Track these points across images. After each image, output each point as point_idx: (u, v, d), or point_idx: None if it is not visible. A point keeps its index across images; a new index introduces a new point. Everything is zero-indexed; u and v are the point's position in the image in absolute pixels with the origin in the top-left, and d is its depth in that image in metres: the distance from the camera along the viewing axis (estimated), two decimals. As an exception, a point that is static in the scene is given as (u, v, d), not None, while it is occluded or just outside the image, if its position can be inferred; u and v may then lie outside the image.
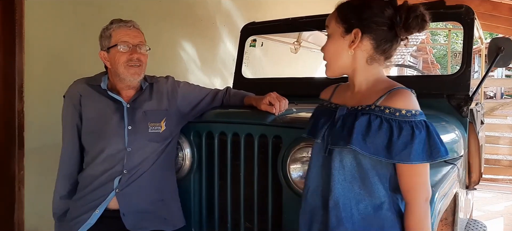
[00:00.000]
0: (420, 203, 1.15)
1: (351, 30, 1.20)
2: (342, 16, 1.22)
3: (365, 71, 1.23)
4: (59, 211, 1.84)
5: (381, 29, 1.18)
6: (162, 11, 3.69)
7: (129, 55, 1.73)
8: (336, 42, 1.23)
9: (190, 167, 1.94)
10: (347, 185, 1.19)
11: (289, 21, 2.94)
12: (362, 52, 1.21)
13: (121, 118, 1.75)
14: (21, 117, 2.59)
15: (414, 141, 1.09)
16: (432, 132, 1.11)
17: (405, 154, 1.09)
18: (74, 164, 1.84)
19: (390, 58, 1.23)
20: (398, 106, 1.12)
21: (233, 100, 1.99)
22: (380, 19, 1.18)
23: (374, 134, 1.12)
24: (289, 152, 1.66)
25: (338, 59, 1.24)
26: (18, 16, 2.56)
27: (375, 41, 1.19)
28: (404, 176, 1.15)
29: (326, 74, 1.29)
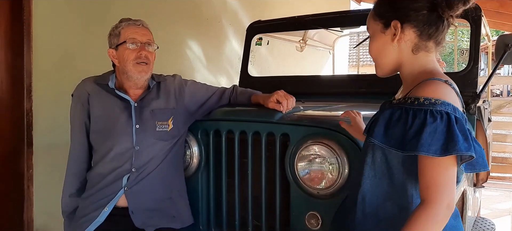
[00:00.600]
0: (439, 205, 1.01)
1: (390, 24, 1.15)
2: (378, 12, 1.19)
3: (411, 63, 1.17)
4: (68, 209, 1.86)
5: (421, 14, 1.12)
6: (168, 10, 3.70)
7: (137, 52, 1.74)
8: (378, 40, 1.20)
9: (198, 165, 1.95)
10: (377, 181, 1.16)
11: (295, 19, 2.94)
12: (406, 42, 1.15)
13: (129, 117, 1.76)
14: (30, 115, 2.62)
15: (424, 129, 1.02)
16: (453, 124, 1.02)
17: (414, 142, 1.02)
18: (83, 162, 1.85)
19: (440, 44, 1.17)
20: (420, 95, 1.07)
21: (240, 99, 2.00)
22: (417, 4, 1.12)
23: (393, 126, 1.08)
24: (296, 149, 1.66)
25: (384, 56, 1.19)
26: (26, 15, 2.58)
27: (418, 28, 1.13)
28: (422, 170, 1.05)
29: (377, 75, 1.25)
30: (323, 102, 2.21)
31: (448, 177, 1.03)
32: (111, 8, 3.12)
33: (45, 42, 2.68)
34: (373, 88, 2.55)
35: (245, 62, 3.05)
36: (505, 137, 6.50)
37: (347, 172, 1.58)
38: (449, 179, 1.03)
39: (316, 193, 1.65)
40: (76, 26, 2.89)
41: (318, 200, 1.65)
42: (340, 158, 1.58)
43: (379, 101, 2.28)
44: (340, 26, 3.32)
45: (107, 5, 3.09)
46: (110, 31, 1.79)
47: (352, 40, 8.39)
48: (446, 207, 1.02)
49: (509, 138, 6.48)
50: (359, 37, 5.83)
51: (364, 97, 2.52)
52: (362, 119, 1.55)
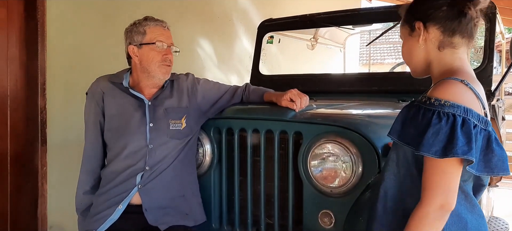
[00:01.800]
0: (430, 206, 1.04)
1: (414, 26, 1.20)
2: (405, 17, 1.25)
3: (438, 61, 1.19)
4: (82, 206, 1.88)
5: (441, 10, 1.16)
6: (179, 8, 3.72)
7: (163, 54, 1.77)
8: (407, 43, 1.25)
9: (210, 163, 1.96)
10: (400, 177, 1.19)
11: (307, 17, 2.93)
12: (431, 41, 1.19)
13: (143, 115, 1.78)
14: (44, 113, 2.65)
15: (428, 129, 1.04)
16: (457, 126, 1.02)
17: (418, 142, 1.05)
18: (97, 159, 1.87)
19: (467, 37, 1.17)
20: (432, 95, 1.08)
21: (252, 97, 1.99)
22: (436, 1, 1.17)
23: (408, 123, 1.11)
24: (310, 147, 1.66)
25: (413, 58, 1.24)
26: (40, 15, 2.60)
27: (440, 25, 1.17)
28: (424, 170, 1.07)
29: (413, 76, 1.30)
30: (336, 101, 2.21)
31: (447, 179, 1.04)
32: (123, 7, 3.14)
33: (58, 41, 2.70)
34: (385, 87, 2.54)
35: (256, 60, 3.05)
36: (518, 136, 6.40)
37: (361, 171, 1.57)
38: (447, 181, 1.04)
39: (329, 192, 1.64)
40: (89, 25, 2.91)
41: (331, 198, 1.65)
42: (354, 156, 1.57)
43: (391, 99, 2.30)
44: (352, 24, 3.30)
45: (119, 5, 3.12)
46: (131, 28, 1.79)
47: (363, 39, 8.35)
48: (438, 208, 1.03)
49: (522, 137, 6.38)
50: (370, 35, 5.79)
51: (375, 95, 2.51)
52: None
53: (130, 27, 1.80)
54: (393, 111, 2.08)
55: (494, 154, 1.06)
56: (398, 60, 13.59)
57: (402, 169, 1.19)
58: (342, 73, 4.31)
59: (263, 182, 1.83)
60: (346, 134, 1.60)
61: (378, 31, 5.00)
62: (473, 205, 1.15)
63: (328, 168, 1.63)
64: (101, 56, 2.94)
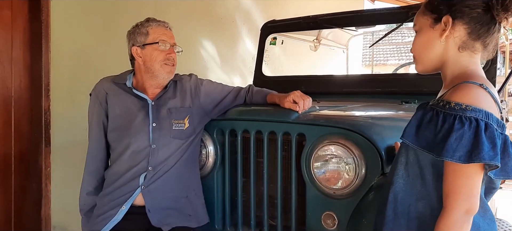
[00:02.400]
0: (457, 213, 1.02)
1: (441, 19, 1.14)
2: (431, 6, 1.17)
3: (454, 62, 1.15)
4: (86, 207, 1.89)
5: (475, 11, 1.11)
6: (182, 10, 3.73)
7: (166, 54, 1.78)
8: (425, 34, 1.18)
9: (213, 164, 1.96)
10: (410, 181, 1.17)
11: (310, 19, 2.93)
12: (454, 39, 1.14)
13: (146, 115, 1.78)
14: (48, 114, 2.66)
15: (451, 135, 1.01)
16: (481, 131, 1.00)
17: (440, 147, 1.02)
18: (101, 160, 1.88)
19: (487, 46, 1.14)
20: (452, 99, 1.05)
21: (256, 98, 2.00)
22: (473, 1, 1.11)
23: (425, 127, 1.08)
24: (313, 149, 1.66)
25: (429, 51, 1.18)
26: (44, 16, 2.62)
27: (469, 26, 1.12)
28: (446, 176, 1.05)
29: (416, 70, 1.24)
30: (339, 102, 2.21)
31: (470, 184, 1.03)
32: (127, 8, 3.15)
33: (62, 42, 2.72)
34: (388, 88, 2.54)
35: (259, 62, 3.05)
36: (522, 137, 6.37)
37: (364, 172, 1.57)
38: (471, 186, 1.03)
39: (332, 193, 1.64)
40: (93, 27, 2.93)
41: (334, 200, 1.65)
42: (357, 158, 1.57)
43: (394, 101, 2.30)
44: (355, 26, 3.30)
45: (123, 6, 3.13)
46: (134, 29, 1.81)
47: (366, 39, 8.35)
48: (464, 213, 1.03)
49: (526, 139, 6.35)
50: (373, 37, 5.80)
51: (379, 96, 2.51)
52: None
53: (133, 29, 1.82)
54: (396, 113, 2.08)
55: (510, 157, 1.05)
56: (401, 62, 13.57)
57: (411, 173, 1.17)
58: (345, 74, 4.30)
59: (266, 183, 1.83)
60: (349, 136, 1.60)
61: (381, 32, 5.00)
62: (485, 210, 1.14)
63: (331, 170, 1.63)
64: (105, 58, 2.95)
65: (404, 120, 1.82)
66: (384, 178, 1.53)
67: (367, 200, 1.57)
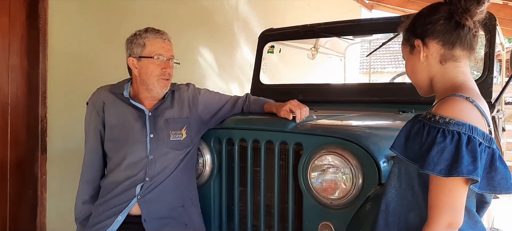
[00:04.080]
0: (438, 225, 1.03)
1: (414, 45, 1.21)
2: (404, 37, 1.26)
3: (442, 76, 1.19)
4: (82, 215, 1.87)
5: (438, 24, 1.16)
6: (181, 18, 3.74)
7: (162, 68, 1.76)
8: (409, 62, 1.25)
9: (210, 173, 1.96)
10: (402, 192, 1.18)
11: (307, 27, 2.94)
12: (432, 56, 1.18)
13: (143, 126, 1.78)
14: (44, 122, 2.65)
15: (433, 148, 1.03)
16: (462, 145, 1.01)
17: (423, 159, 1.04)
18: (97, 169, 1.87)
19: (468, 49, 1.17)
20: (437, 112, 1.07)
21: (253, 107, 2.00)
22: (432, 17, 1.17)
23: (412, 139, 1.11)
24: (310, 159, 1.66)
25: (417, 75, 1.23)
26: (42, 24, 2.62)
27: (439, 39, 1.16)
28: (430, 188, 1.06)
29: (421, 95, 1.29)
30: (336, 111, 2.21)
31: (453, 198, 1.03)
32: (125, 16, 3.15)
33: (60, 50, 2.72)
34: (385, 97, 2.55)
35: (257, 70, 3.06)
36: (518, 146, 6.39)
37: (361, 182, 1.57)
38: (453, 200, 1.03)
39: (329, 203, 1.64)
40: (91, 34, 2.93)
41: (331, 210, 1.64)
42: (354, 168, 1.57)
43: (391, 110, 2.30)
44: (352, 35, 3.31)
45: (121, 14, 3.13)
46: (132, 39, 1.79)
47: (363, 48, 8.40)
48: (446, 227, 1.03)
49: (523, 147, 6.37)
50: (370, 45, 5.84)
51: (376, 105, 2.51)
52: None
53: (131, 38, 1.80)
54: (393, 123, 2.09)
55: (497, 172, 1.05)
56: (398, 69, 13.60)
57: (403, 183, 1.18)
58: (342, 83, 4.32)
59: (263, 192, 1.83)
60: (346, 146, 1.60)
61: (379, 40, 5.02)
62: (476, 222, 1.14)
63: (328, 180, 1.63)
64: (102, 66, 2.95)
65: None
66: (381, 189, 1.53)
67: (364, 210, 1.56)
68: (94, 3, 2.94)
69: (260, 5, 4.85)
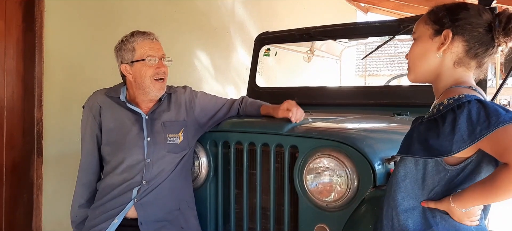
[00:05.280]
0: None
1: (441, 32, 1.15)
2: (434, 17, 1.17)
3: (448, 76, 1.16)
4: (78, 219, 1.87)
5: (476, 30, 1.12)
6: (177, 21, 3.74)
7: (155, 68, 1.76)
8: (423, 44, 1.18)
9: (206, 176, 1.96)
10: (409, 195, 1.18)
11: (303, 30, 2.95)
12: (451, 54, 1.15)
13: (140, 129, 1.78)
14: (40, 125, 2.65)
15: (459, 121, 1.01)
16: (486, 104, 1.01)
17: (449, 140, 1.02)
18: (93, 173, 1.87)
19: (482, 66, 1.16)
20: (443, 99, 1.07)
21: (249, 110, 2.00)
22: (476, 20, 1.12)
23: (431, 137, 1.07)
24: (305, 161, 1.67)
25: (424, 62, 1.18)
26: (38, 27, 2.62)
27: (468, 43, 1.13)
28: (493, 148, 1.01)
29: (408, 79, 1.24)
30: (332, 114, 2.22)
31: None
32: (121, 20, 3.16)
33: (56, 53, 2.72)
34: (380, 100, 2.56)
35: (253, 73, 3.07)
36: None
37: (356, 185, 1.58)
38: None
39: (325, 206, 1.65)
40: (87, 38, 2.93)
41: (327, 212, 1.65)
42: (349, 170, 1.58)
43: (387, 113, 2.31)
44: (348, 38, 3.33)
45: (117, 17, 3.13)
46: (120, 46, 1.78)
47: (359, 50, 8.44)
48: None
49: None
50: (366, 48, 5.87)
51: (371, 108, 2.53)
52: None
53: (119, 45, 1.79)
54: (389, 126, 2.10)
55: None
56: (394, 72, 13.65)
57: (410, 187, 1.17)
58: (338, 86, 4.33)
59: (259, 195, 1.84)
60: (342, 148, 1.61)
61: (374, 43, 5.04)
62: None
63: (324, 182, 1.64)
64: (98, 69, 2.95)
65: (396, 133, 1.84)
66: (376, 191, 1.54)
67: (360, 212, 1.57)
68: (90, 7, 2.94)
69: (256, 8, 4.87)
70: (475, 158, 1.08)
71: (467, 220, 1.10)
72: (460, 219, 1.10)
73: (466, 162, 1.09)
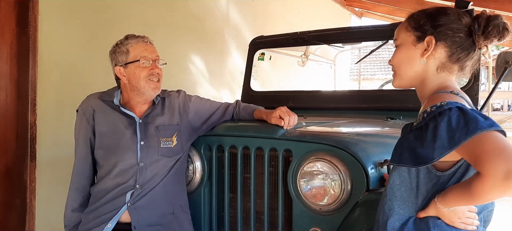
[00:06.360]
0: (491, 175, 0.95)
1: (424, 38, 1.16)
2: (415, 23, 1.19)
3: (432, 81, 1.17)
4: (71, 223, 1.86)
5: (457, 36, 1.13)
6: (171, 25, 3.74)
7: (149, 70, 1.77)
8: (406, 51, 1.20)
9: (200, 180, 1.96)
10: (402, 203, 1.19)
11: (297, 35, 2.96)
12: (434, 60, 1.16)
13: (134, 133, 1.78)
14: (34, 129, 2.63)
15: (440, 127, 1.02)
16: (466, 111, 1.01)
17: (430, 147, 1.03)
18: (87, 177, 1.86)
19: (464, 69, 1.18)
20: (427, 107, 1.08)
21: (243, 114, 2.01)
22: (456, 25, 1.13)
23: (417, 145, 1.08)
24: (299, 165, 1.67)
25: (409, 69, 1.20)
26: (32, 30, 2.61)
27: (450, 48, 1.15)
28: (469, 155, 1.01)
29: (393, 85, 1.26)
30: (326, 118, 2.23)
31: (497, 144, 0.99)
32: (115, 23, 3.15)
33: (50, 56, 2.71)
34: (374, 104, 2.58)
35: (247, 77, 3.07)
36: (506, 152, 6.46)
37: (349, 188, 1.58)
38: (498, 145, 0.99)
39: (318, 209, 1.65)
40: (81, 41, 2.92)
41: (321, 216, 1.66)
42: (343, 174, 1.59)
43: (380, 117, 2.33)
44: (342, 42, 3.34)
45: (111, 21, 3.13)
46: (114, 49, 1.80)
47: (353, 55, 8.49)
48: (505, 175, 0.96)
49: (510, 153, 6.44)
50: (360, 52, 5.91)
51: (365, 112, 2.54)
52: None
53: (113, 49, 1.81)
54: (382, 130, 2.11)
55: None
56: (387, 77, 13.71)
57: (404, 194, 1.18)
58: (332, 90, 4.35)
59: (253, 199, 1.84)
60: (335, 152, 1.62)
61: (368, 47, 5.07)
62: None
63: (317, 186, 1.64)
64: (92, 73, 2.95)
65: (389, 137, 1.86)
66: (369, 195, 1.55)
67: (353, 216, 1.58)
68: (85, 11, 2.94)
69: (250, 13, 4.88)
70: (464, 162, 1.09)
71: (458, 220, 1.10)
72: (451, 221, 1.10)
73: (455, 167, 1.10)
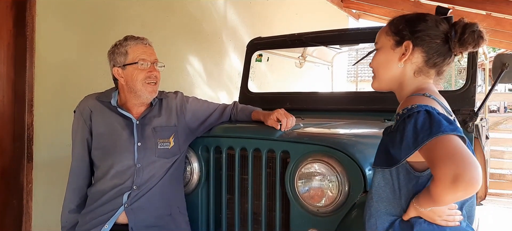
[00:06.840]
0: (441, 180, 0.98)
1: (402, 43, 1.20)
2: (394, 28, 1.23)
3: (410, 84, 1.21)
4: (68, 224, 1.86)
5: (434, 42, 1.17)
6: (169, 26, 3.74)
7: (147, 72, 1.77)
8: (385, 54, 1.24)
9: (198, 181, 1.96)
10: (386, 203, 1.22)
11: (295, 36, 2.97)
12: (411, 64, 1.20)
13: (131, 134, 1.78)
14: (31, 130, 2.63)
15: (407, 128, 1.05)
16: (433, 114, 1.05)
17: (397, 148, 1.07)
18: (84, 178, 1.86)
19: (441, 74, 1.22)
20: (399, 109, 1.12)
21: (240, 115, 2.01)
22: (434, 32, 1.17)
23: (391, 147, 1.11)
24: (297, 167, 1.68)
25: (387, 72, 1.23)
26: (29, 31, 2.60)
27: (427, 54, 1.18)
28: (428, 158, 1.04)
29: (372, 87, 1.29)
30: (323, 120, 2.23)
31: (451, 149, 1.00)
32: (113, 25, 3.15)
33: (47, 57, 2.70)
34: (371, 106, 2.58)
35: (245, 78, 3.08)
36: (502, 154, 6.51)
37: (347, 190, 1.59)
38: (453, 151, 1.00)
39: (316, 211, 1.66)
40: (78, 43, 2.92)
41: (318, 217, 1.66)
42: (340, 175, 1.59)
43: (377, 118, 2.34)
44: (339, 44, 3.36)
45: (109, 22, 3.13)
46: (113, 49, 1.80)
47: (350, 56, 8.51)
48: (452, 180, 0.97)
49: (506, 155, 6.49)
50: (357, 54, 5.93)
51: (362, 113, 2.55)
52: None
53: (112, 49, 1.81)
54: (379, 131, 2.11)
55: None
56: (386, 78, 13.72)
57: (386, 194, 1.20)
58: (329, 91, 4.36)
59: (250, 200, 1.84)
60: (333, 154, 1.63)
61: (365, 49, 5.08)
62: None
63: (315, 187, 1.65)
64: (90, 74, 2.94)
65: (386, 138, 1.86)
66: (366, 196, 1.55)
67: (350, 217, 1.58)
68: (82, 12, 2.94)
69: (248, 14, 4.88)
70: None
71: (438, 218, 1.12)
72: (432, 219, 1.12)
73: None
